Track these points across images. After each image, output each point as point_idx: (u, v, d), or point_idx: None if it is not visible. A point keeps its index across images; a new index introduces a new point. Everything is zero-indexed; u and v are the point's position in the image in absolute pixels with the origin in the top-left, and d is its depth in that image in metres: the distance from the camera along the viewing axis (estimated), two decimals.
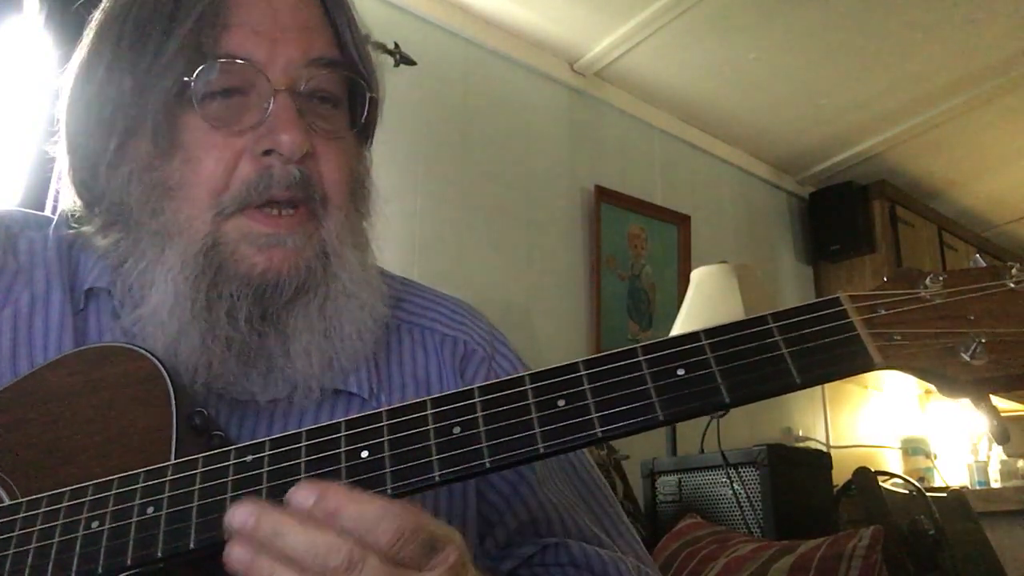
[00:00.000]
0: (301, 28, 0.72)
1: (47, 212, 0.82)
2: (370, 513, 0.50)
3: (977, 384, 0.48)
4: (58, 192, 0.78)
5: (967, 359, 0.48)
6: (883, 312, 0.51)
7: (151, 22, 0.70)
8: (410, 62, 2.48)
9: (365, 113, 0.77)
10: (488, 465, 0.53)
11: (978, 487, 3.99)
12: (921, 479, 3.66)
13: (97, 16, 0.74)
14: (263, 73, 0.69)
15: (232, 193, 0.68)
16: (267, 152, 0.69)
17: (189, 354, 0.67)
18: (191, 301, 0.67)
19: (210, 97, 0.69)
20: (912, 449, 4.06)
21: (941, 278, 0.51)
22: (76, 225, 0.76)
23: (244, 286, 0.68)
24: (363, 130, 0.79)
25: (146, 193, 0.70)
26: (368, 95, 0.77)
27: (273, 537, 0.50)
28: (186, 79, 0.68)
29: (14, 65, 1.73)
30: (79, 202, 0.75)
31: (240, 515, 0.52)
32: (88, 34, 0.74)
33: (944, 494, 2.87)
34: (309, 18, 0.73)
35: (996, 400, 0.51)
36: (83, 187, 0.74)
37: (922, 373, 0.49)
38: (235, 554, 0.51)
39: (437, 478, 0.53)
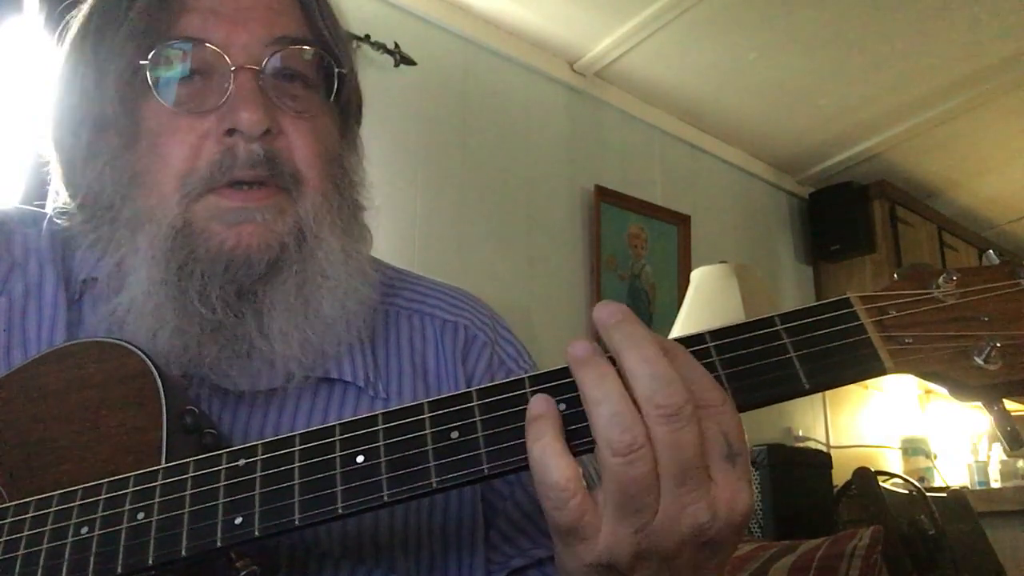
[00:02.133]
0: (265, 9, 0.71)
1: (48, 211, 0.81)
2: (713, 390, 0.49)
3: (990, 389, 0.46)
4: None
5: (980, 363, 0.46)
6: (894, 314, 0.49)
7: (112, 12, 0.70)
8: (410, 62, 2.47)
9: (335, 89, 0.75)
10: (487, 471, 0.51)
11: (978, 487, 3.98)
12: (921, 479, 3.65)
13: (71, 16, 0.74)
14: (222, 53, 0.68)
15: (198, 176, 0.67)
16: (229, 132, 0.68)
17: (166, 339, 0.66)
18: (163, 285, 0.66)
19: (172, 81, 0.68)
20: (912, 449, 4.05)
21: (954, 277, 0.49)
22: (65, 221, 0.75)
23: (214, 264, 0.67)
24: (343, 111, 0.78)
25: (117, 183, 0.69)
26: (338, 71, 0.75)
27: (625, 341, 0.49)
28: (142, 62, 0.67)
29: (14, 65, 1.72)
30: (67, 198, 0.75)
31: (610, 309, 0.51)
32: (63, 34, 0.74)
33: (944, 494, 2.87)
34: (274, 0, 0.72)
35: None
36: (67, 183, 0.74)
37: (933, 377, 0.48)
38: (579, 345, 0.51)
39: (435, 484, 0.51)
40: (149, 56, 0.67)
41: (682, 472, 0.47)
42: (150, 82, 0.68)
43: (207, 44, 0.68)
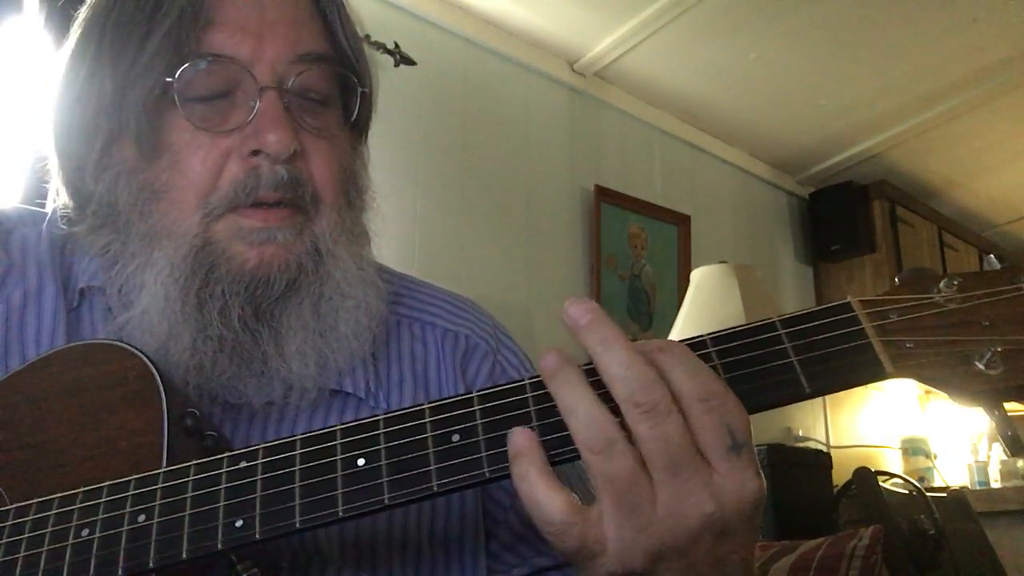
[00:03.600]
0: (289, 23, 0.70)
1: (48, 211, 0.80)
2: (710, 384, 0.49)
3: (991, 394, 0.46)
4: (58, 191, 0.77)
5: (981, 368, 0.46)
6: (895, 318, 0.49)
7: (132, 21, 0.68)
8: (410, 62, 2.46)
9: (357, 109, 0.75)
10: (488, 475, 0.51)
11: (978, 487, 3.98)
12: (921, 479, 3.65)
13: (82, 14, 0.73)
14: (248, 71, 0.68)
15: (220, 194, 0.67)
16: (254, 152, 0.67)
17: (179, 356, 0.66)
18: (181, 303, 0.66)
19: (195, 97, 0.67)
20: (912, 449, 4.05)
21: (955, 282, 0.49)
22: (67, 226, 0.74)
23: (236, 283, 0.66)
24: (356, 125, 0.78)
25: (133, 196, 0.68)
26: (360, 90, 0.75)
27: (598, 345, 0.50)
28: (168, 80, 0.66)
29: (14, 65, 1.72)
30: (69, 201, 0.74)
31: (580, 309, 0.51)
32: (73, 33, 0.73)
33: (944, 494, 2.87)
34: (297, 12, 0.71)
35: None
36: (71, 187, 0.73)
37: (934, 382, 0.48)
38: (549, 357, 0.51)
39: (436, 488, 0.51)
40: (177, 74, 0.66)
41: (672, 463, 0.47)
42: (176, 99, 0.67)
43: (234, 62, 0.67)
